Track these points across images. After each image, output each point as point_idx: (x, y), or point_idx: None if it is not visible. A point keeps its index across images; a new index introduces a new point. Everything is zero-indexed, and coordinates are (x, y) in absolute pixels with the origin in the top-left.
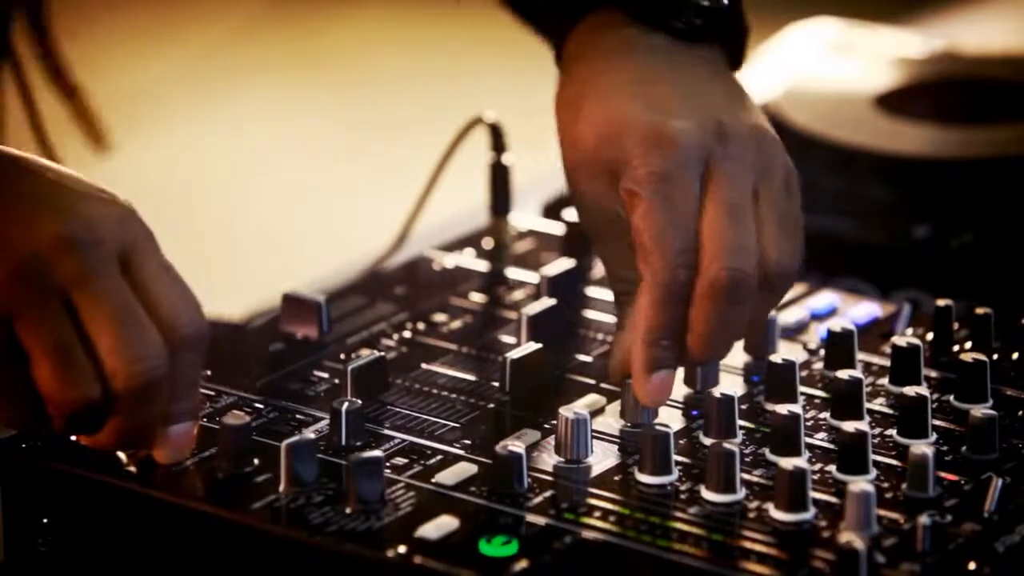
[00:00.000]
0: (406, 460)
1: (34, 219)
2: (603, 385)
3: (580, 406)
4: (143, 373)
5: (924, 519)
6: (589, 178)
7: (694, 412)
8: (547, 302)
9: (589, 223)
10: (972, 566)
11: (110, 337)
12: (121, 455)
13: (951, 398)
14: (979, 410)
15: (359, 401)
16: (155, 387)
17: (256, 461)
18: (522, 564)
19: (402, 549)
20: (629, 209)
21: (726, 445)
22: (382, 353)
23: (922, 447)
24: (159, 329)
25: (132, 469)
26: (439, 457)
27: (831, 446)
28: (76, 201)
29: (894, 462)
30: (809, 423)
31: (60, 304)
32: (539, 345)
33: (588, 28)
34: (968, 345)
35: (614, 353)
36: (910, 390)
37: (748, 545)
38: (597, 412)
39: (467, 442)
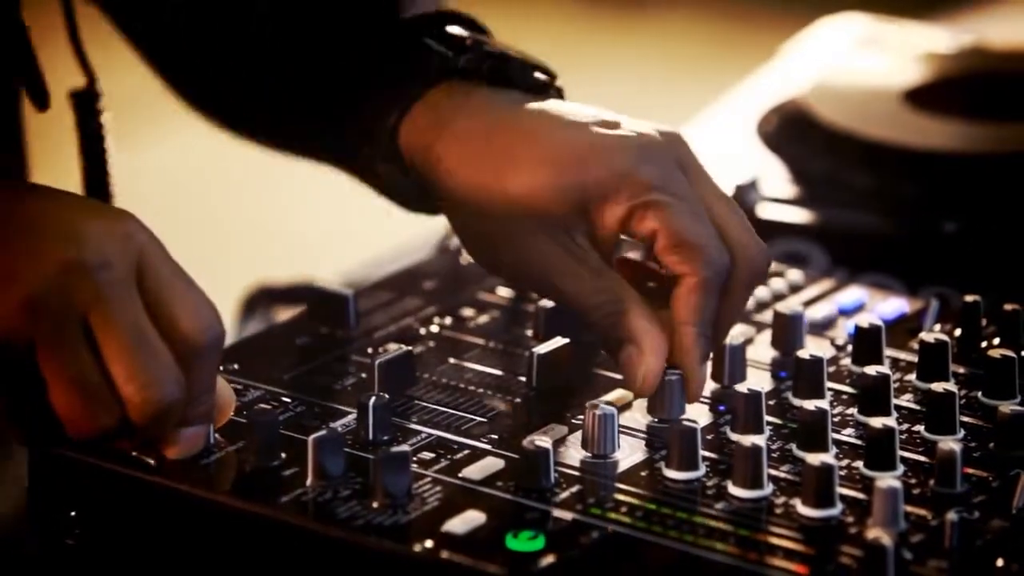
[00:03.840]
0: (433, 455)
1: (43, 248)
2: None
3: (607, 401)
4: (157, 401)
5: (952, 515)
6: (540, 219)
7: (721, 407)
8: None
9: (545, 266)
10: (1000, 562)
11: (124, 365)
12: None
13: (979, 394)
14: (1007, 406)
15: (386, 396)
16: (168, 410)
17: (283, 455)
18: (549, 559)
19: (429, 544)
20: (625, 226)
21: (753, 441)
22: (409, 348)
23: (950, 443)
24: (174, 339)
25: (151, 461)
26: (466, 452)
27: (858, 442)
28: (81, 225)
29: (921, 458)
30: (836, 419)
31: (77, 330)
32: (566, 340)
33: (440, 96)
34: (996, 341)
35: (645, 366)
36: (938, 386)
37: (775, 541)
38: (624, 407)
39: (494, 437)
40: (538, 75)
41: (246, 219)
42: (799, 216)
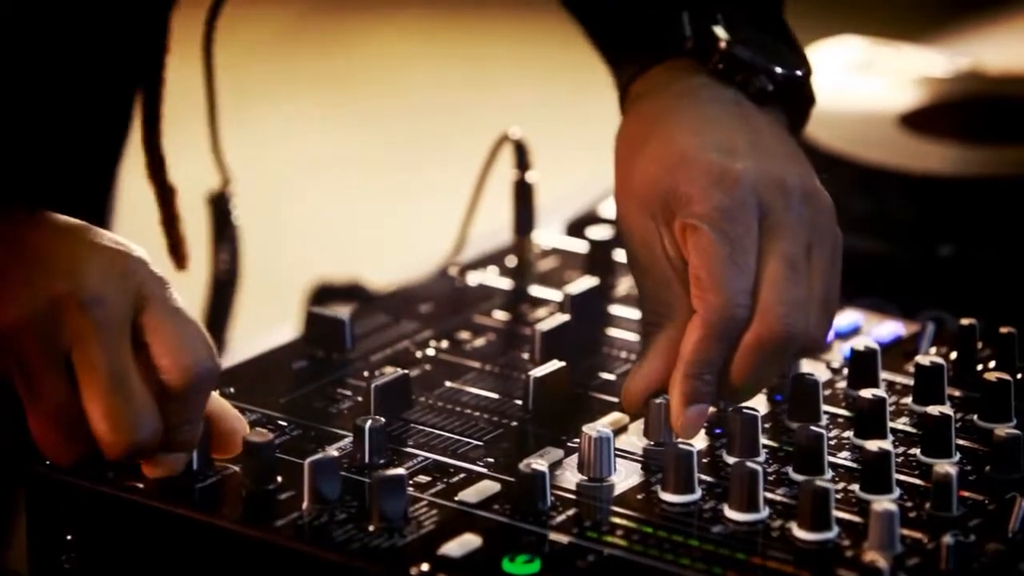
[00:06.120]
0: (429, 478)
1: (38, 280)
2: None
3: (603, 424)
4: (128, 443)
5: (948, 539)
6: (641, 208)
7: (717, 431)
8: (561, 318)
9: (634, 252)
10: None
11: (99, 406)
12: None
13: (975, 417)
14: (1003, 429)
15: (382, 419)
16: (141, 450)
17: (280, 479)
18: None
19: (425, 567)
20: (684, 242)
21: (749, 464)
22: (406, 371)
23: (946, 466)
24: (158, 373)
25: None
26: (462, 475)
27: (855, 465)
28: (80, 259)
29: (918, 481)
30: (832, 442)
31: (59, 364)
32: (562, 363)
33: (660, 72)
34: (992, 364)
35: (632, 381)
36: (934, 409)
37: (771, 564)
38: (620, 430)
39: (490, 460)
40: (761, 80)
41: (247, 238)
42: None
